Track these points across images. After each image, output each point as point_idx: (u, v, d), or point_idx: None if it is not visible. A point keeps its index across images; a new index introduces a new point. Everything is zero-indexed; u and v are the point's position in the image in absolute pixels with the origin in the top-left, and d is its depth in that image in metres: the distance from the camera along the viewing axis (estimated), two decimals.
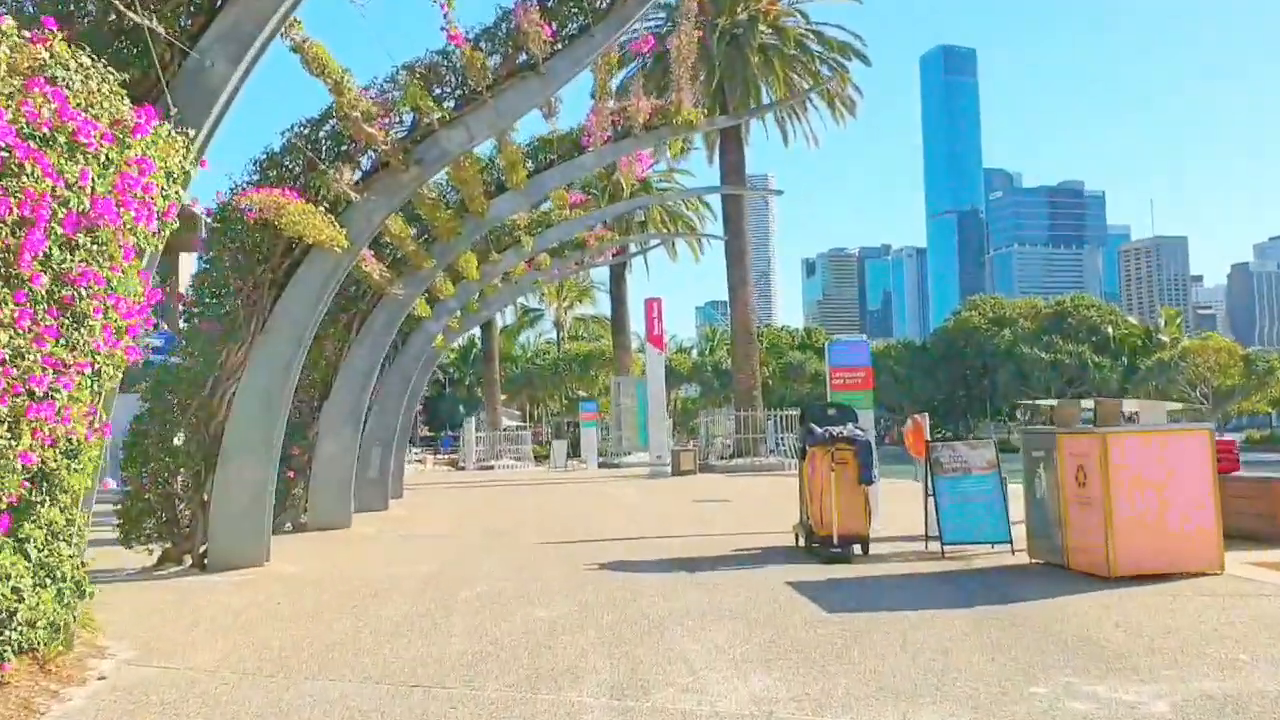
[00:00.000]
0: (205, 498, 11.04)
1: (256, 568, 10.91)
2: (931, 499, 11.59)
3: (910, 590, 9.24)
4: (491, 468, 46.44)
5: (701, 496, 21.69)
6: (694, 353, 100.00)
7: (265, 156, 11.36)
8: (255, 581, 10.22)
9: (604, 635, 7.44)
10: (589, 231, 23.53)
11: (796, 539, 12.18)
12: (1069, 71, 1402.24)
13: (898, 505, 13.92)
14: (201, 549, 11.04)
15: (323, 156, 11.01)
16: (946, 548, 11.19)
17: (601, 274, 53.41)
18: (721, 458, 34.45)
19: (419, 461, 58.37)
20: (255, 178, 11.26)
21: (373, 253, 13.38)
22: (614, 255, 33.62)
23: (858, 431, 11.39)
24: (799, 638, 7.25)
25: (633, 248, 41.33)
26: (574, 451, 44.91)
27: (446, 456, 63.53)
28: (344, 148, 11.35)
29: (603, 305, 67.56)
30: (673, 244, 47.42)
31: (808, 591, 9.04)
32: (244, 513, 10.97)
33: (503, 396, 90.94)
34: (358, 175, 11.50)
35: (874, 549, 11.45)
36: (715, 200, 39.94)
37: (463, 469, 48.28)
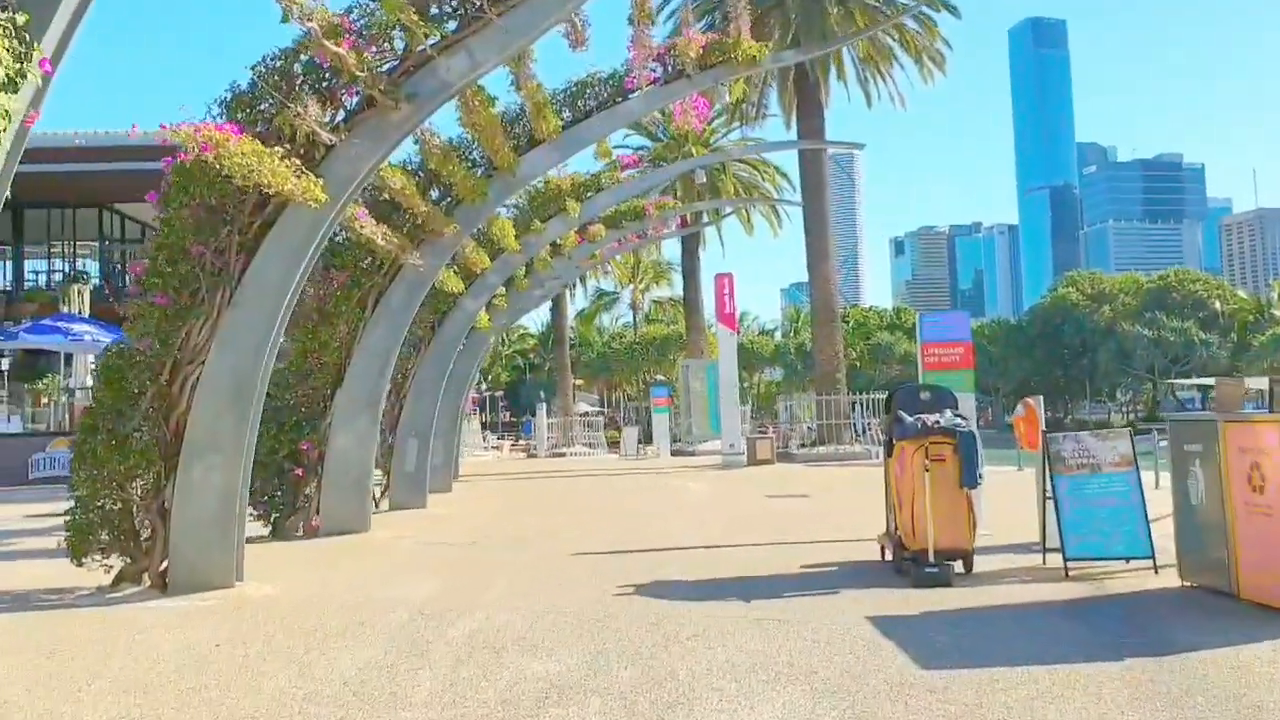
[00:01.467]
0: (166, 505, 9.21)
1: (225, 589, 9.05)
2: (1050, 502, 9.32)
3: (1032, 630, 7.00)
4: (563, 455, 44.73)
5: (776, 491, 19.51)
6: (776, 335, 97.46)
7: (231, 96, 9.43)
8: (213, 610, 8.36)
9: (611, 707, 5.39)
10: (647, 199, 21.41)
11: (882, 552, 9.98)
12: (1163, 40, 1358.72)
13: (999, 502, 11.54)
14: (162, 566, 9.21)
15: (299, 93, 9.05)
16: (1070, 565, 8.92)
17: (675, 253, 51.22)
18: (802, 445, 32.13)
19: (495, 448, 57.12)
20: (222, 122, 9.34)
21: (366, 211, 11.44)
22: (680, 227, 31.43)
23: (958, 420, 9.13)
24: (884, 715, 5.13)
25: (704, 218, 39.15)
26: (647, 438, 42.94)
27: (524, 443, 61.87)
28: (326, 83, 9.39)
29: (680, 287, 65.26)
30: (747, 216, 44.84)
31: (896, 633, 6.88)
32: (211, 523, 9.11)
33: (579, 382, 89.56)
34: (341, 117, 9.53)
35: (978, 563, 9.22)
36: (794, 172, 37.34)
37: (534, 456, 46.72)
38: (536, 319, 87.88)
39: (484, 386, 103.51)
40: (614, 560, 10.63)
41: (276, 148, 8.85)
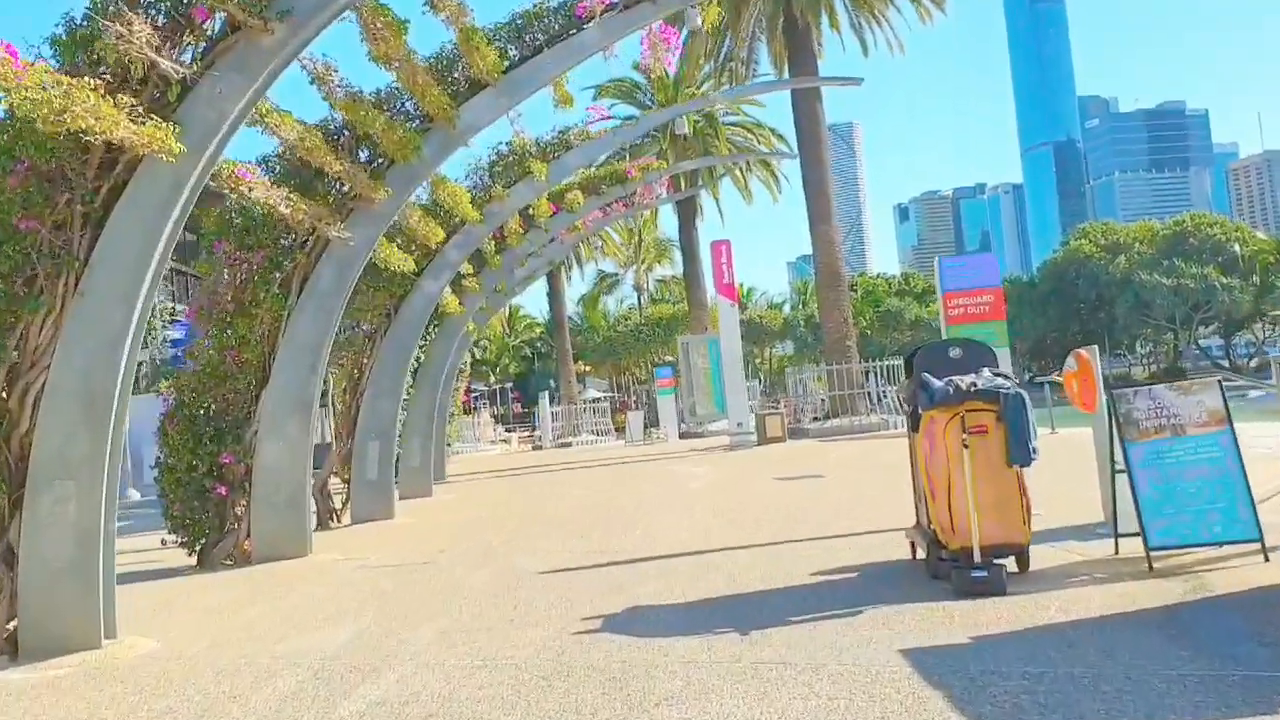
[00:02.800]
0: (12, 549, 7.34)
1: (89, 650, 7.17)
2: (1121, 476, 7.39)
3: (1128, 663, 5.06)
4: (569, 444, 42.88)
5: (787, 473, 17.58)
6: (785, 308, 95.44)
7: (65, 32, 7.48)
8: (61, 682, 6.48)
9: None
10: (631, 162, 19.43)
11: (913, 549, 8.06)
12: None
13: (1039, 472, 9.52)
14: (10, 626, 7.35)
15: (133, 17, 7.10)
16: (1154, 554, 6.99)
17: (675, 228, 48.98)
18: (815, 419, 30.11)
19: (504, 441, 55.35)
20: (57, 65, 7.41)
21: (253, 171, 9.50)
22: (670, 191, 29.23)
23: (1001, 380, 7.18)
24: None
25: (699, 182, 37.04)
26: (655, 420, 41.04)
27: (533, 434, 60.11)
28: (180, 5, 7.45)
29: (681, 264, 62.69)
30: (744, 183, 42.63)
31: (945, 675, 4.97)
32: (67, 569, 7.24)
33: (585, 368, 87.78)
34: (203, 49, 7.58)
35: (1033, 555, 7.29)
36: (790, 134, 35.16)
37: (540, 448, 44.88)
38: (542, 307, 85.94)
39: (492, 379, 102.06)
40: (587, 579, 8.72)
41: (124, 97, 6.98)
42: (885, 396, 28.63)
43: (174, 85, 7.30)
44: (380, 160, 11.50)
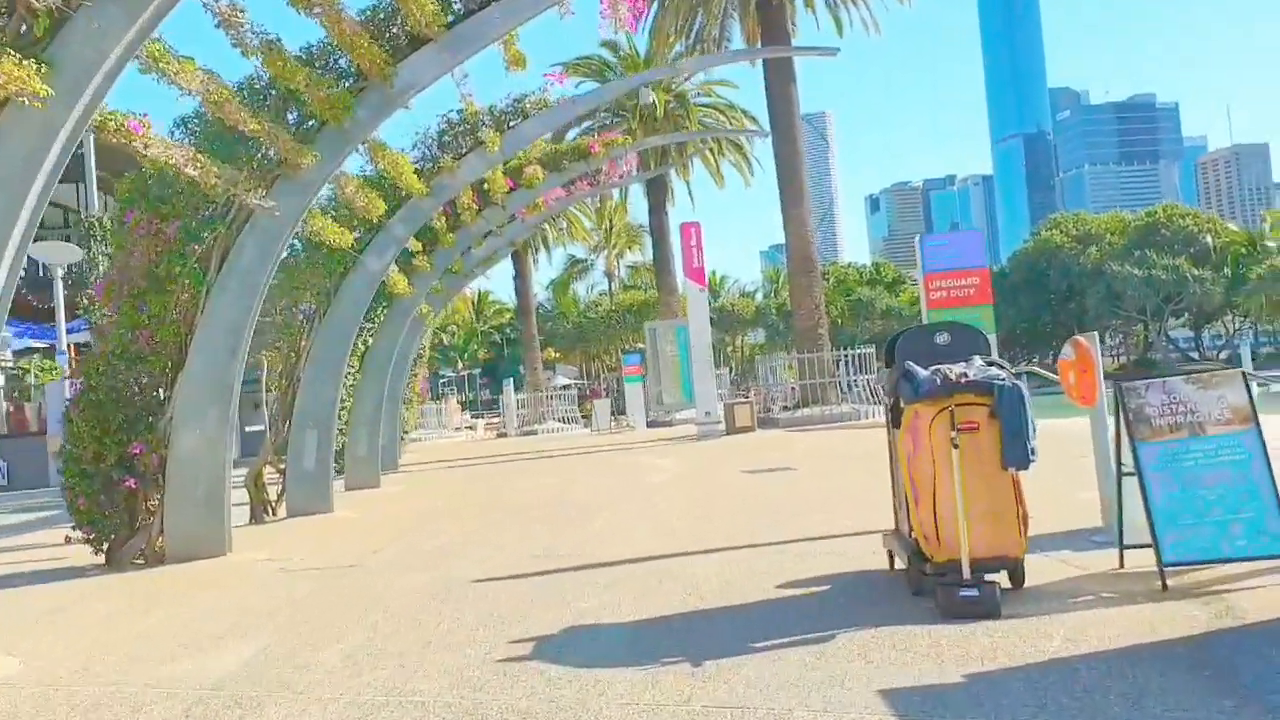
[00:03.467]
0: None
1: None
2: (1131, 480, 6.51)
3: (1155, 716, 4.16)
4: (535, 433, 41.89)
5: (756, 465, 16.70)
6: (758, 297, 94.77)
7: None
8: None
9: None
10: (595, 136, 18.40)
11: (891, 560, 7.17)
12: None
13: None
14: None
15: None
16: (1168, 570, 6.12)
17: (643, 212, 47.83)
18: (785, 408, 29.26)
19: (469, 428, 54.29)
20: None
21: (143, 123, 8.44)
22: (639, 169, 28.17)
23: (995, 371, 6.28)
24: None
25: (669, 161, 35.96)
26: (621, 409, 40.09)
27: (499, 421, 59.16)
28: None
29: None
30: (716, 166, 41.58)
31: None
32: None
33: (554, 354, 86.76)
34: None
35: (1027, 565, 6.41)
36: (763, 115, 34.17)
37: (505, 436, 43.87)
38: (511, 292, 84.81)
39: (460, 365, 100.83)
40: (526, 589, 7.76)
41: None
42: (855, 386, 27.82)
43: (41, 18, 6.26)
44: (311, 123, 10.46)
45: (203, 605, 8.08)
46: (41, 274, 27.80)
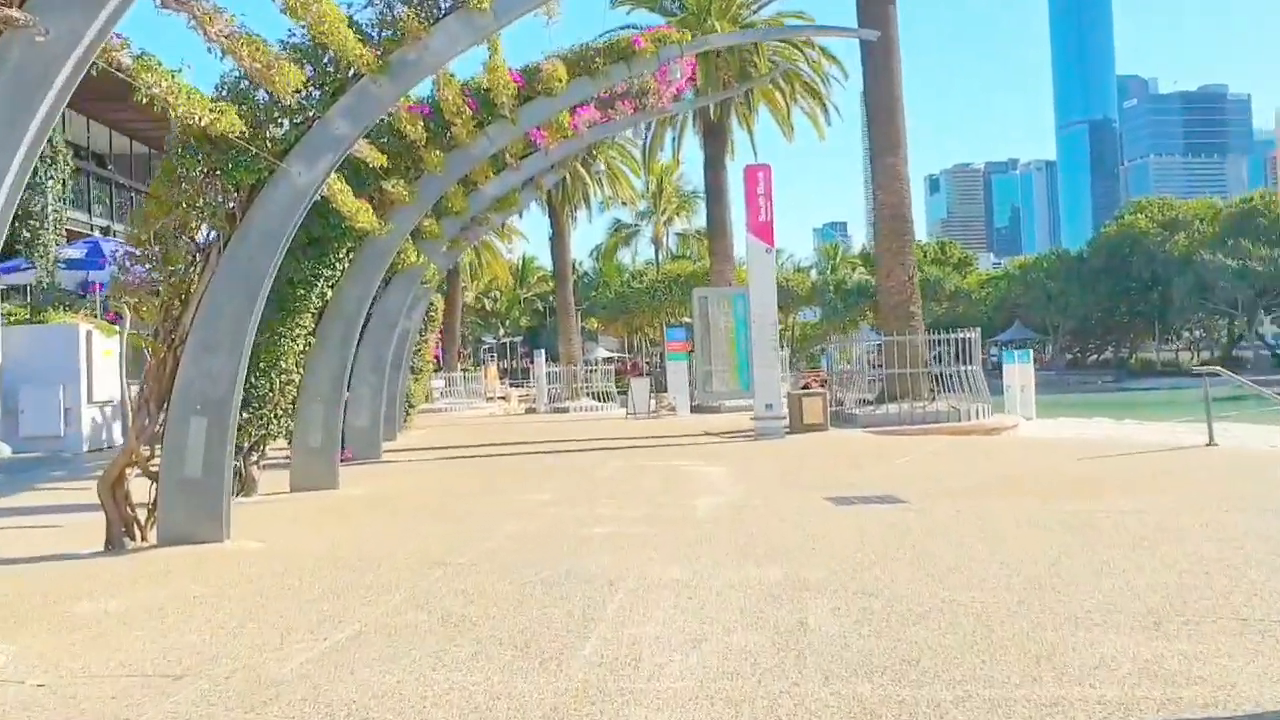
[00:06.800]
0: None
1: None
2: None
3: None
4: (566, 410, 37.25)
5: (842, 491, 11.74)
6: (813, 273, 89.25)
7: None
8: None
9: None
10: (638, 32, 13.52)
11: None
12: None
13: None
14: None
15: None
16: None
17: (696, 174, 42.06)
18: (864, 401, 24.06)
19: (502, 398, 50.03)
20: None
21: None
22: (688, 82, 22.76)
23: None
24: None
25: (740, 92, 30.85)
26: (661, 387, 35.21)
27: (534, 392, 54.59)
28: None
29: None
30: (786, 114, 36.05)
31: None
32: None
33: (596, 325, 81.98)
34: None
35: None
36: (842, 52, 28.95)
37: (534, 410, 39.31)
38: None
39: (502, 332, 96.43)
40: None
41: None
42: (952, 379, 22.60)
43: None
44: None
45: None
46: None
